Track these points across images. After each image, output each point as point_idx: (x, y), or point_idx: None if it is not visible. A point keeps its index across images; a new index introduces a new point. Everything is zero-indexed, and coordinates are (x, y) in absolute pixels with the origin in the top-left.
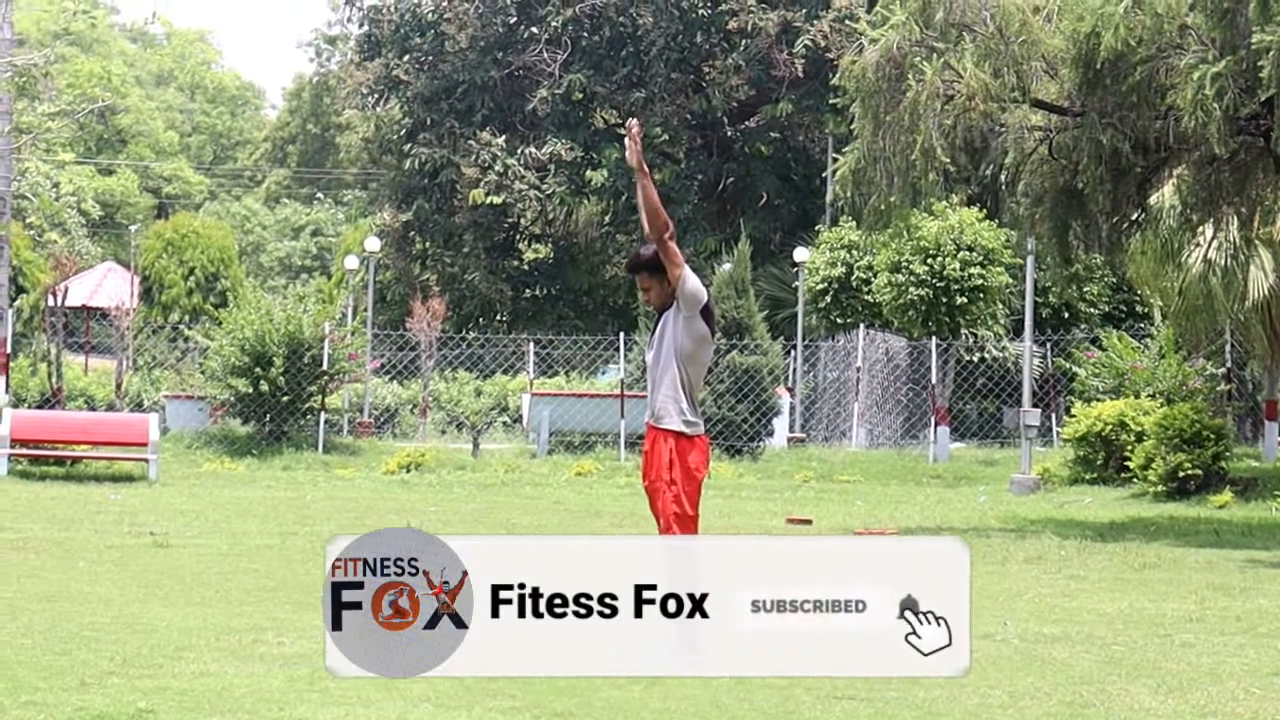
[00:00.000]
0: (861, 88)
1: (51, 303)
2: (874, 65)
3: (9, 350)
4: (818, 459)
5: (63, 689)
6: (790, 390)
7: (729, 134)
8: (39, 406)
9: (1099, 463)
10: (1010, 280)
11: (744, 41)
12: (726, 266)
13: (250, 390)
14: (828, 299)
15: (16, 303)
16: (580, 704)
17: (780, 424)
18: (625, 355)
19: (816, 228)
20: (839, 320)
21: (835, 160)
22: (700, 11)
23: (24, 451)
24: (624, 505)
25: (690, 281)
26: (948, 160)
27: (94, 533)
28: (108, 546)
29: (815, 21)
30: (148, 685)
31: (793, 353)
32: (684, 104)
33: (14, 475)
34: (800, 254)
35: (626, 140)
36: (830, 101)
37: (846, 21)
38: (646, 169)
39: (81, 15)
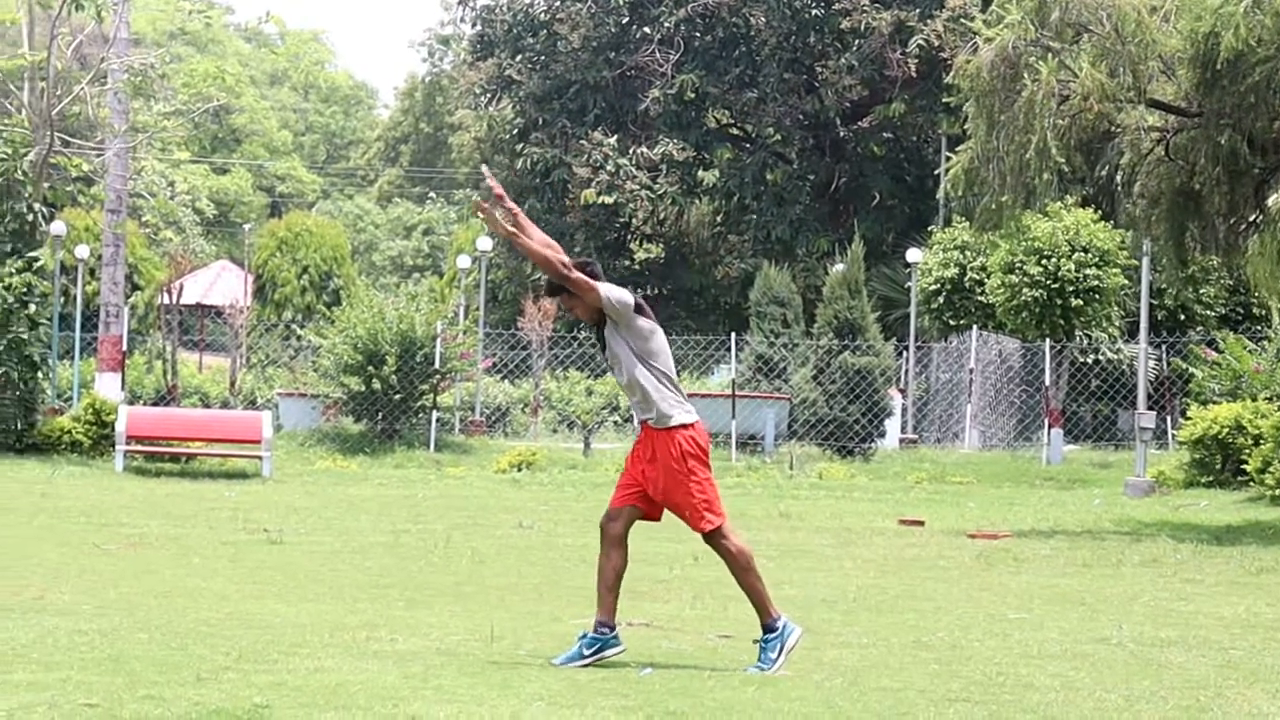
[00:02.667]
0: (976, 87)
1: (167, 300)
2: (989, 65)
3: (125, 348)
4: (930, 460)
5: (179, 683)
6: (903, 391)
7: (841, 134)
8: (155, 404)
9: (1215, 466)
10: (1125, 282)
11: (857, 41)
12: (839, 267)
13: (363, 388)
14: (940, 300)
15: (132, 300)
16: (693, 704)
17: (892, 425)
18: (736, 355)
19: (929, 228)
20: (952, 321)
21: (948, 160)
22: (813, 11)
23: (140, 448)
24: (734, 505)
25: (613, 296)
26: (1062, 160)
27: (209, 529)
28: (222, 543)
29: (929, 21)
30: (263, 680)
31: (905, 354)
32: (796, 104)
33: (130, 471)
34: (913, 255)
35: (483, 212)
36: (943, 101)
37: (961, 20)
38: (514, 227)
39: (197, 15)
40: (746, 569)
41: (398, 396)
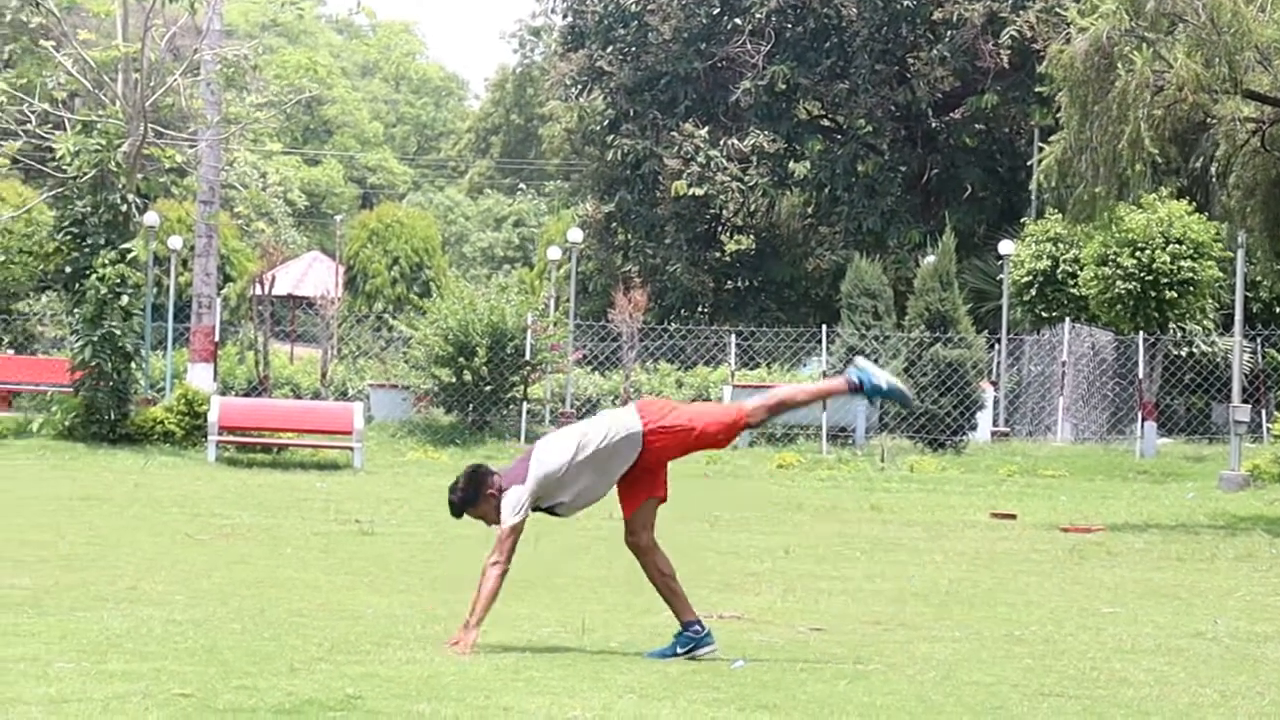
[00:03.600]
0: (1069, 78)
1: (258, 291)
2: (1082, 55)
3: (217, 338)
4: (1021, 453)
5: (272, 674)
6: (994, 384)
7: (933, 125)
8: (246, 394)
9: None
10: (1220, 274)
11: (949, 32)
12: (930, 259)
13: (453, 380)
14: (1032, 292)
15: (224, 291)
16: (785, 697)
17: (984, 418)
18: (827, 347)
19: (1021, 220)
20: (1044, 314)
21: (1041, 151)
22: (905, 2)
23: (232, 439)
24: (826, 498)
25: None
26: (1156, 152)
27: (300, 520)
28: (314, 533)
29: (1022, 11)
30: (355, 671)
31: (997, 346)
32: (888, 95)
33: (222, 462)
34: (1005, 247)
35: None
36: (1036, 92)
37: (1054, 11)
38: (477, 623)
39: (289, 7)
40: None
41: (488, 388)
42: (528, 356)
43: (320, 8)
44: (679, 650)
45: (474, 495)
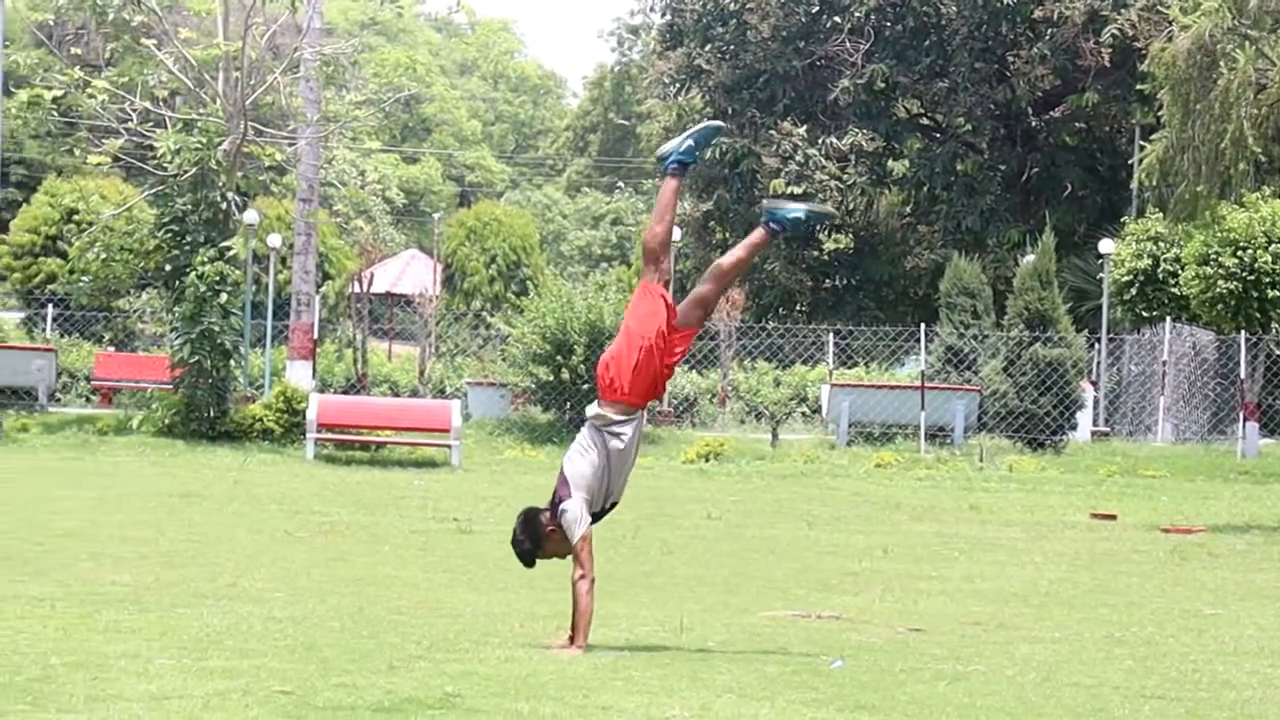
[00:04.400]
0: (1171, 76)
1: (357, 289)
2: (1185, 53)
3: (316, 336)
4: (1122, 453)
5: (371, 671)
6: (1094, 383)
7: (1033, 124)
8: (344, 392)
9: None
10: None
11: (1049, 30)
12: (1030, 258)
13: (551, 378)
14: (1133, 291)
15: (323, 289)
16: (884, 698)
17: (1084, 417)
18: (926, 347)
19: (1122, 219)
20: (1144, 313)
21: (1142, 150)
22: (1005, 1)
23: (330, 436)
24: (924, 498)
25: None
26: (1259, 150)
27: (399, 517)
28: (412, 531)
29: (1123, 10)
30: (454, 669)
31: (1097, 346)
32: (988, 94)
33: (320, 459)
34: (1105, 246)
35: None
36: (1137, 90)
37: (1156, 9)
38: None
39: (388, 5)
40: None
41: (586, 386)
42: None
43: (420, 6)
44: None
45: (537, 538)
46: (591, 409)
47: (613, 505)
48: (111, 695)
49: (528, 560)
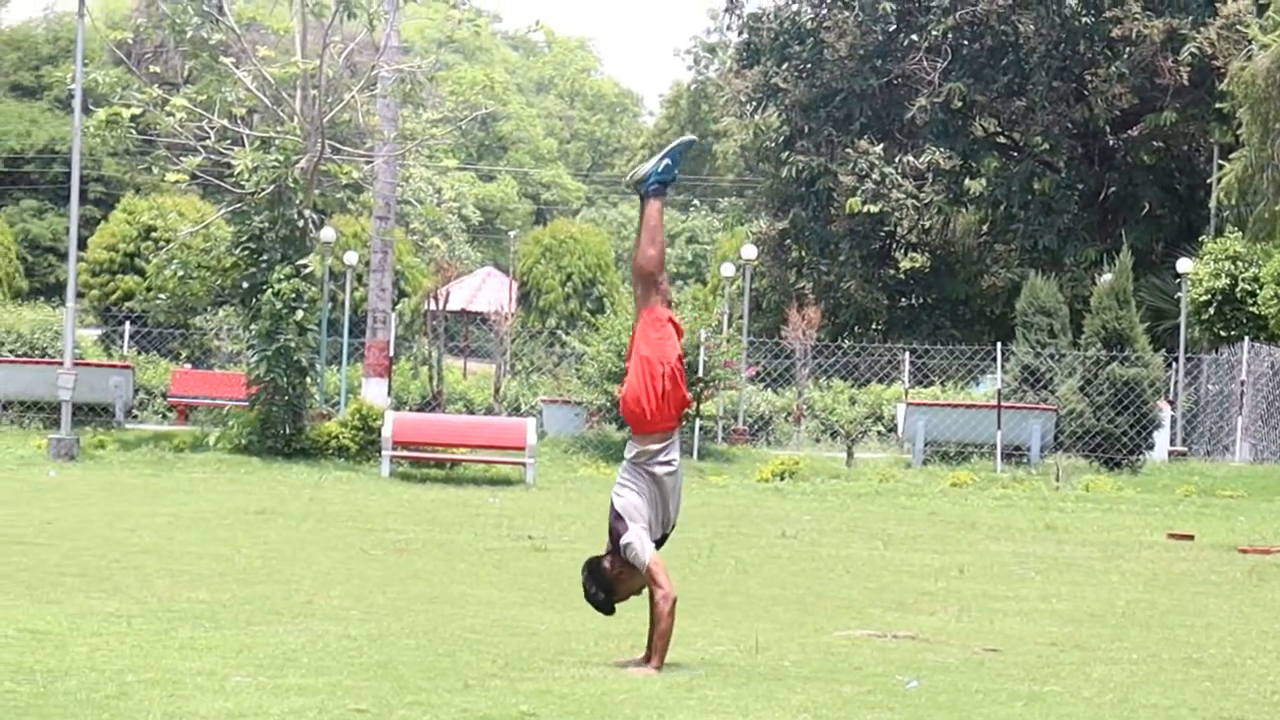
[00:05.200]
0: (1250, 94)
1: (432, 307)
2: (1264, 71)
3: (391, 353)
4: (1199, 473)
5: (447, 690)
6: (1171, 403)
7: (1111, 143)
8: (420, 409)
9: None
10: None
11: (1128, 49)
12: (1107, 277)
13: None
14: (1211, 310)
15: (399, 306)
16: (959, 718)
17: (1161, 437)
18: (1002, 365)
19: (1200, 238)
20: (1222, 333)
21: (1220, 169)
22: (1083, 19)
23: (405, 453)
24: (1000, 517)
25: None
26: None
27: (473, 535)
28: (487, 549)
29: (1202, 28)
30: (529, 688)
31: (1174, 365)
32: (1065, 112)
33: (396, 477)
34: (1183, 265)
35: None
36: (1216, 109)
37: (1235, 28)
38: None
39: (466, 23)
40: None
41: None
42: (701, 373)
43: (497, 24)
44: None
45: (607, 584)
46: (630, 449)
47: (671, 529)
48: (188, 713)
49: (606, 609)
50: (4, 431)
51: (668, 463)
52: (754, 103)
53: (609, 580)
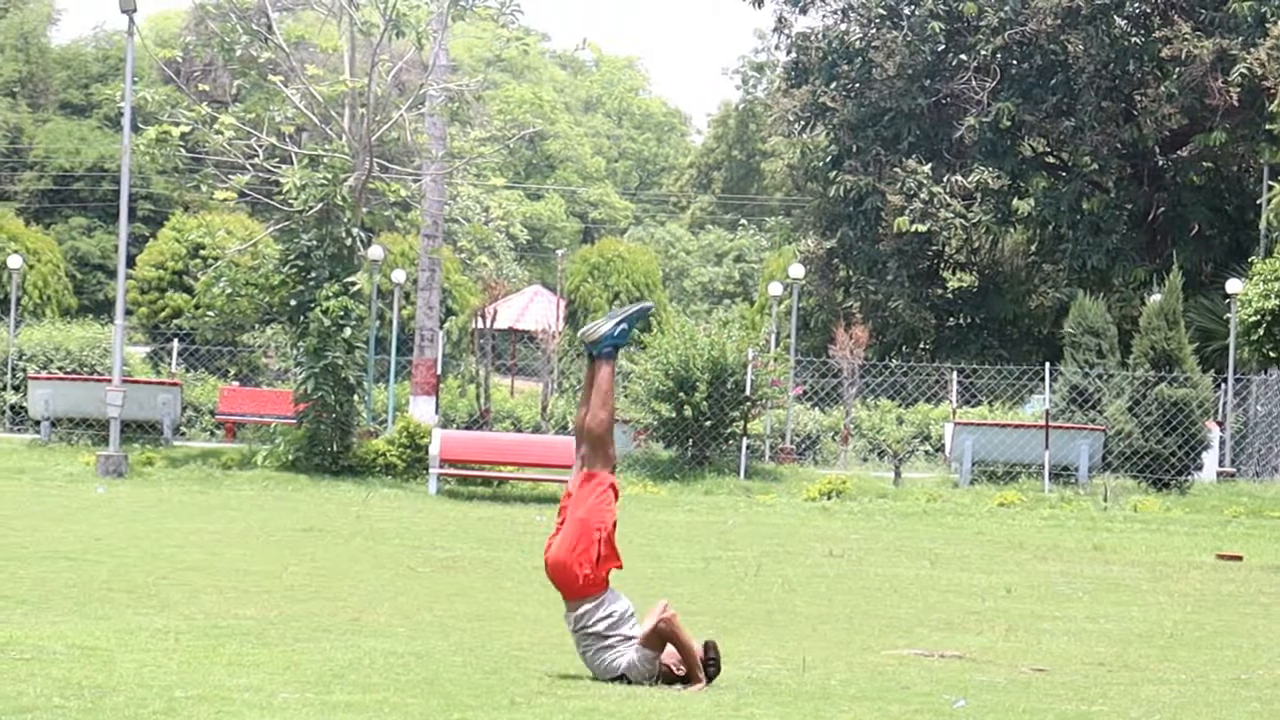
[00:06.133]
0: None
1: (480, 325)
2: None
3: (439, 371)
4: (1248, 494)
5: (493, 708)
6: (1220, 424)
7: (1160, 163)
8: (467, 427)
9: None
10: None
11: (1177, 69)
12: (1156, 297)
13: (673, 415)
14: (1260, 331)
15: (447, 325)
16: None
17: (1210, 458)
18: (1050, 386)
19: (1249, 259)
20: (1272, 354)
21: (1270, 189)
22: (1133, 39)
23: (453, 471)
24: (1047, 537)
25: None
26: None
27: (520, 553)
28: (534, 567)
29: (1252, 49)
30: (576, 706)
31: (1223, 386)
32: (1114, 133)
33: (443, 494)
34: (1232, 285)
35: None
36: (1266, 130)
37: None
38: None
39: (515, 42)
40: None
41: (708, 423)
42: (748, 392)
43: (545, 43)
44: None
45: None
46: (570, 621)
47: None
48: None
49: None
50: (53, 448)
51: (607, 617)
52: (802, 122)
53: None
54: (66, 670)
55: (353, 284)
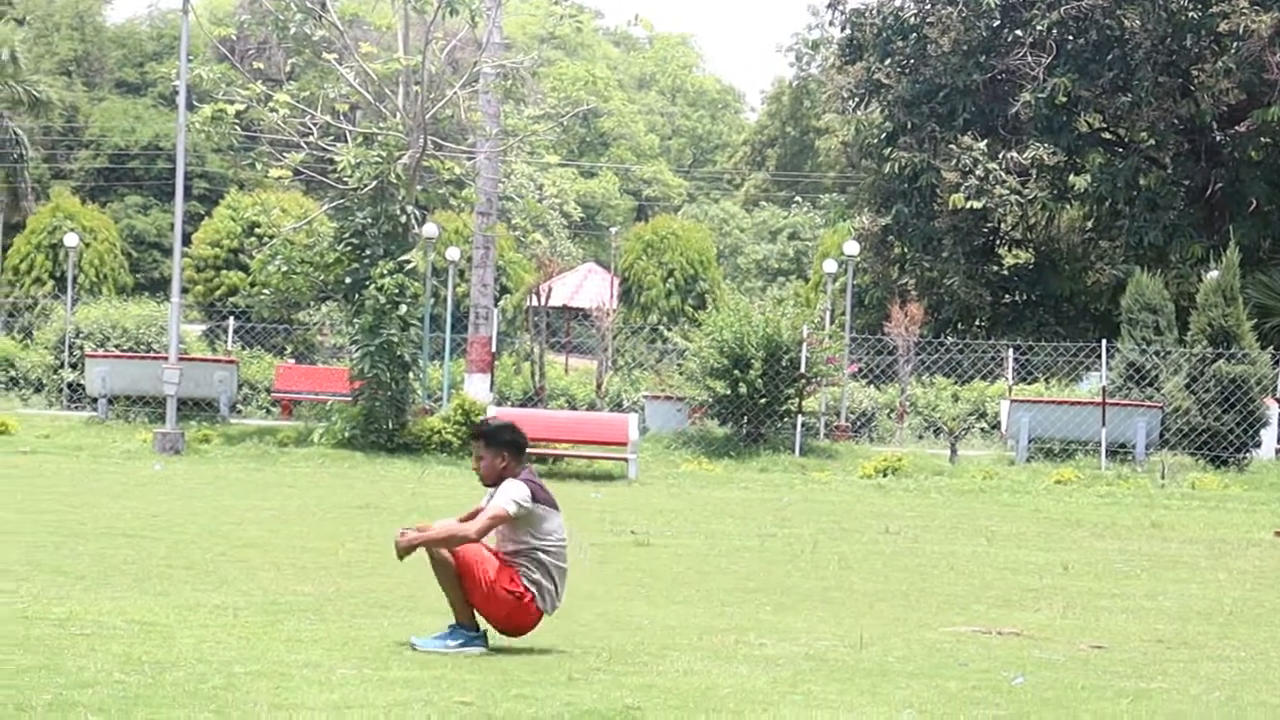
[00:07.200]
0: None
1: (534, 302)
2: None
3: (494, 349)
4: None
5: (551, 683)
6: (1279, 400)
7: (1218, 139)
8: (522, 405)
9: None
10: None
11: (1235, 44)
12: (1214, 274)
13: (728, 392)
14: None
15: (501, 303)
16: (1066, 715)
17: (1268, 435)
18: (1107, 363)
19: None
20: None
21: None
22: (1190, 14)
23: None
24: (1104, 515)
25: (513, 504)
26: None
27: (576, 530)
28: (590, 544)
29: None
30: (634, 682)
31: None
32: (1171, 108)
33: None
34: None
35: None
36: None
37: None
38: (420, 542)
39: (568, 20)
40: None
41: (763, 400)
42: (803, 369)
43: (598, 20)
44: (450, 643)
45: (502, 442)
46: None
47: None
48: (294, 704)
49: (476, 431)
50: (110, 426)
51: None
52: (856, 99)
53: (505, 446)
54: (127, 645)
55: (407, 261)
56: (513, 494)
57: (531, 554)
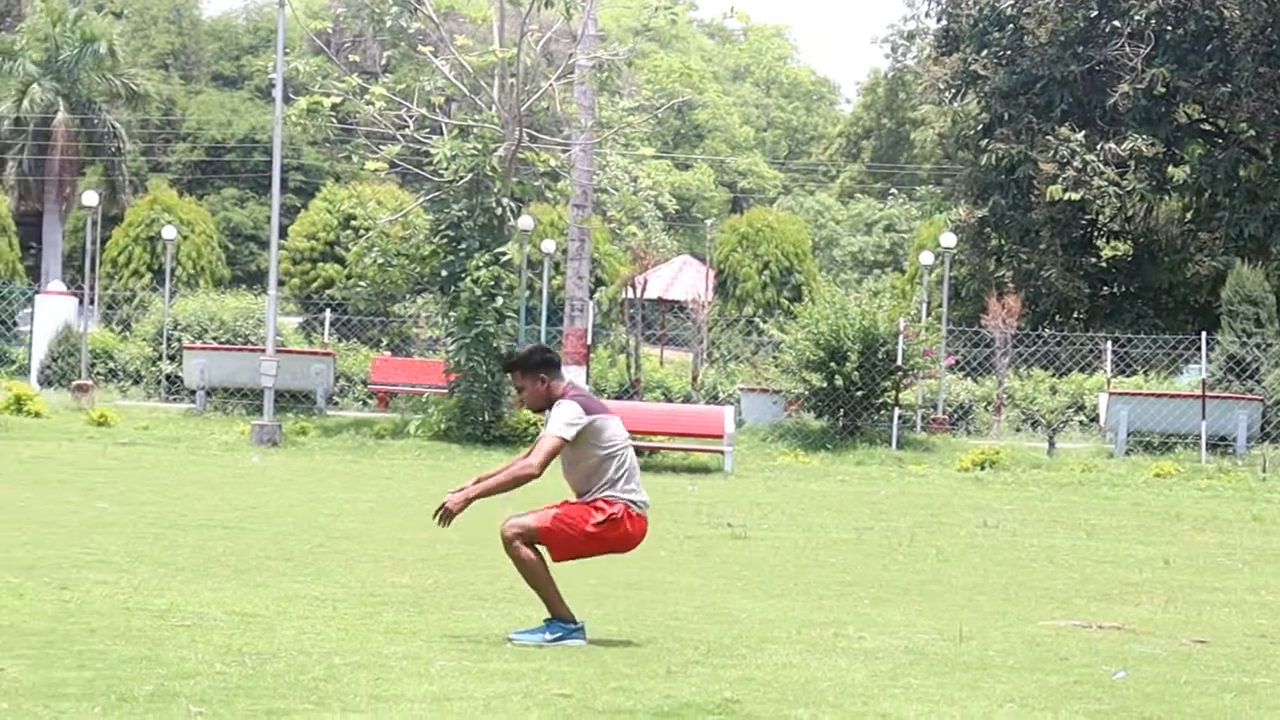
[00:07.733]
0: None
1: (630, 295)
2: None
3: (589, 341)
4: None
5: (649, 676)
6: None
7: None
8: (617, 397)
9: None
10: None
11: None
12: None
13: (824, 385)
14: None
15: (596, 295)
16: (1168, 710)
17: None
18: (1207, 355)
19: None
20: None
21: None
22: None
23: None
24: (1205, 508)
25: (564, 429)
26: None
27: (673, 523)
28: (687, 537)
29: None
30: (732, 675)
31: None
32: (1272, 99)
33: None
34: None
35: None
36: None
37: None
38: (477, 495)
39: (663, 11)
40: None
41: (859, 393)
42: (899, 362)
43: (693, 12)
44: (548, 636)
45: (536, 364)
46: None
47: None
48: (394, 695)
49: (509, 362)
50: (208, 418)
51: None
52: (953, 90)
53: (536, 369)
54: (227, 637)
55: (503, 254)
56: (564, 417)
57: (601, 469)
